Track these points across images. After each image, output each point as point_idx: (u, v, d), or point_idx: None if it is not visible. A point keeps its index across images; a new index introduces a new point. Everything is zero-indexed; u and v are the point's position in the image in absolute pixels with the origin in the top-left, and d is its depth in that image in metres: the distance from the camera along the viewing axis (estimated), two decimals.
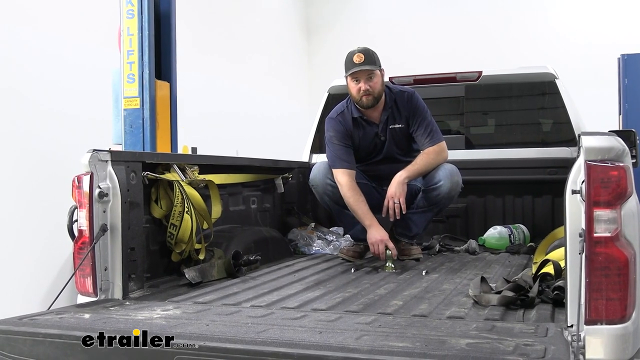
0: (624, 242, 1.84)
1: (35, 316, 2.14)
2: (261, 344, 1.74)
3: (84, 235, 2.49)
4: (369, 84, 3.39)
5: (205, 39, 7.42)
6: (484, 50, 8.99)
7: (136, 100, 4.06)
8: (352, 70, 3.38)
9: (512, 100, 4.53)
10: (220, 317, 2.15)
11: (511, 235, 4.03)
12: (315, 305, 2.39)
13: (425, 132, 3.50)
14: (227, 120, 7.58)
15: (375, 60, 3.41)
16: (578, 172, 1.92)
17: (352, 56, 3.38)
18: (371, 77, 3.40)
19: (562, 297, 2.12)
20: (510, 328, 1.92)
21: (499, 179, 4.28)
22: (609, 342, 1.78)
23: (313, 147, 4.65)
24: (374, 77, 3.41)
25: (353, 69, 3.38)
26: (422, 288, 2.70)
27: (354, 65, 3.37)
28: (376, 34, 9.31)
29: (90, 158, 2.52)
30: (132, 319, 2.09)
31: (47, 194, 4.68)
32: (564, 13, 9.14)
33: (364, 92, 3.40)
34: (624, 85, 6.25)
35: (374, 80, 3.41)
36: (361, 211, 3.38)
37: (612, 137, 1.91)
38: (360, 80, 3.40)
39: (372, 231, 3.33)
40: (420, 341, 1.74)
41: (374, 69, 3.39)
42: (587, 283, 1.81)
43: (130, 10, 4.07)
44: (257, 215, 3.95)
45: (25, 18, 4.79)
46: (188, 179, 3.02)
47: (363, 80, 3.39)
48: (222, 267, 3.02)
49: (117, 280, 2.54)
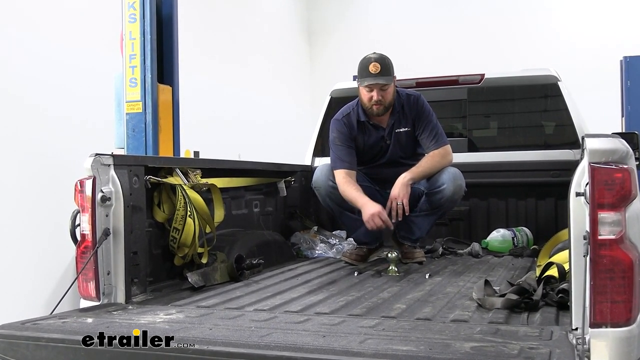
0: (628, 244, 1.83)
1: (37, 321, 2.13)
2: (264, 348, 1.73)
3: (87, 240, 2.49)
4: (381, 94, 3.38)
5: (207, 42, 7.43)
6: (486, 53, 8.99)
7: (138, 104, 4.06)
8: (367, 83, 3.35)
9: (515, 102, 4.52)
10: (223, 321, 2.14)
11: (514, 238, 4.02)
12: (319, 309, 2.39)
13: (431, 135, 3.49)
14: (230, 123, 7.58)
15: (390, 70, 3.38)
16: (582, 174, 1.91)
17: (369, 65, 3.33)
18: (385, 88, 3.38)
19: (567, 300, 2.11)
20: (515, 331, 1.91)
21: (502, 181, 4.26)
22: (614, 345, 1.77)
23: (315, 151, 4.64)
24: (387, 88, 3.39)
25: (368, 81, 3.34)
26: (426, 291, 2.69)
27: (369, 75, 3.33)
28: (378, 37, 9.33)
29: (92, 162, 2.52)
30: (135, 323, 2.09)
31: (50, 198, 4.69)
32: (567, 15, 9.15)
33: (375, 102, 3.39)
34: (626, 87, 6.26)
35: (387, 91, 3.39)
36: (353, 196, 3.32)
37: (616, 139, 1.90)
38: (374, 90, 3.37)
39: (365, 208, 3.25)
40: (424, 345, 1.73)
41: (389, 83, 3.38)
42: (591, 286, 1.80)
43: (133, 14, 4.08)
44: (260, 219, 3.94)
45: (26, 23, 4.80)
46: (190, 182, 3.02)
47: (376, 91, 3.37)
48: (224, 271, 3.02)
49: (119, 284, 2.53)
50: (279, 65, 9.41)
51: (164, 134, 4.16)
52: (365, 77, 3.35)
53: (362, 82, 3.39)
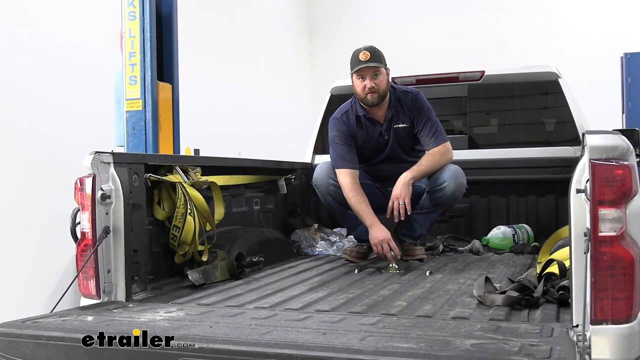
0: (629, 241, 1.83)
1: (38, 319, 2.13)
2: (265, 345, 1.73)
3: (87, 238, 2.49)
4: (374, 81, 3.39)
5: (207, 40, 7.42)
6: (486, 50, 8.98)
7: (138, 102, 4.06)
8: (358, 67, 3.37)
9: (515, 99, 4.52)
10: (223, 318, 2.14)
11: (515, 235, 4.02)
12: (319, 306, 2.39)
13: (430, 132, 3.49)
14: (230, 121, 7.58)
15: (381, 58, 3.41)
16: (582, 171, 1.91)
17: (358, 54, 3.38)
18: (377, 74, 3.40)
19: (567, 297, 2.11)
20: (515, 328, 1.91)
21: (502, 178, 4.26)
22: (614, 342, 1.77)
23: (315, 148, 4.64)
24: (379, 74, 3.40)
25: (359, 66, 3.37)
26: (426, 288, 2.69)
27: (360, 62, 3.36)
28: (378, 34, 9.30)
29: (92, 160, 2.52)
30: (136, 321, 2.09)
31: (50, 196, 4.69)
32: (567, 13, 9.13)
33: (369, 89, 3.40)
34: (627, 84, 6.25)
35: (380, 78, 3.40)
36: (363, 211, 3.37)
37: (617, 135, 1.89)
38: (366, 78, 3.39)
39: (374, 231, 3.32)
40: (424, 342, 1.73)
41: (380, 67, 3.39)
42: (592, 283, 1.80)
43: (132, 12, 4.07)
44: (260, 217, 3.94)
45: (26, 20, 4.79)
46: (191, 180, 3.02)
47: (369, 78, 3.39)
48: (225, 268, 3.02)
49: (120, 282, 2.53)
50: (279, 62, 9.40)
51: (164, 131, 4.16)
52: (356, 65, 3.38)
53: (353, 70, 3.41)
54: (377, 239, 3.28)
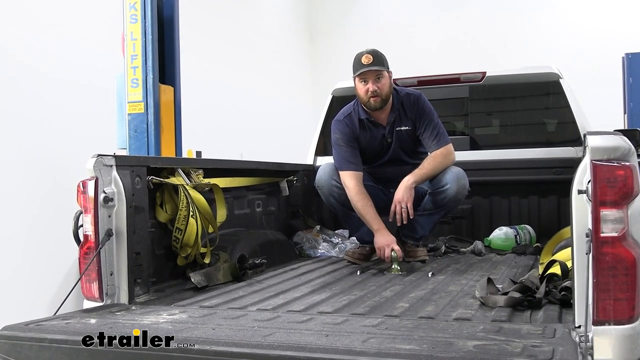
0: (631, 241, 1.83)
1: (41, 322, 2.14)
2: (267, 347, 1.74)
3: (90, 240, 2.49)
4: (377, 85, 3.39)
5: (209, 42, 7.43)
6: (487, 51, 8.97)
7: (140, 105, 4.06)
8: (361, 71, 3.37)
9: (517, 100, 4.52)
10: (226, 320, 2.14)
11: (517, 236, 4.01)
12: (321, 308, 2.39)
13: (432, 134, 3.49)
14: (232, 123, 7.58)
15: (384, 61, 3.41)
16: (584, 172, 1.91)
17: (361, 57, 3.38)
18: (379, 78, 3.40)
19: (570, 297, 2.11)
20: (518, 329, 1.91)
21: (504, 179, 4.26)
22: (617, 342, 1.77)
23: (317, 150, 4.64)
24: (382, 78, 3.40)
25: (361, 70, 3.37)
26: (429, 290, 2.69)
27: (362, 65, 3.36)
28: (379, 36, 9.30)
29: (95, 163, 2.52)
30: (138, 324, 2.09)
31: (52, 199, 4.69)
32: (568, 13, 9.12)
33: (372, 93, 3.40)
34: (628, 84, 6.25)
35: (382, 81, 3.41)
36: (369, 215, 3.37)
37: (618, 136, 1.90)
38: (369, 81, 3.39)
39: (379, 235, 3.32)
40: (427, 343, 1.73)
41: (382, 70, 3.39)
42: (594, 283, 1.80)
43: (134, 15, 4.08)
44: (262, 219, 3.94)
45: (28, 23, 4.80)
46: (193, 182, 3.02)
47: (371, 81, 3.39)
48: (227, 270, 3.02)
49: (122, 285, 2.53)
50: (280, 64, 9.40)
51: (166, 134, 4.16)
52: (359, 69, 3.39)
53: (356, 73, 3.42)
54: (382, 243, 3.29)
